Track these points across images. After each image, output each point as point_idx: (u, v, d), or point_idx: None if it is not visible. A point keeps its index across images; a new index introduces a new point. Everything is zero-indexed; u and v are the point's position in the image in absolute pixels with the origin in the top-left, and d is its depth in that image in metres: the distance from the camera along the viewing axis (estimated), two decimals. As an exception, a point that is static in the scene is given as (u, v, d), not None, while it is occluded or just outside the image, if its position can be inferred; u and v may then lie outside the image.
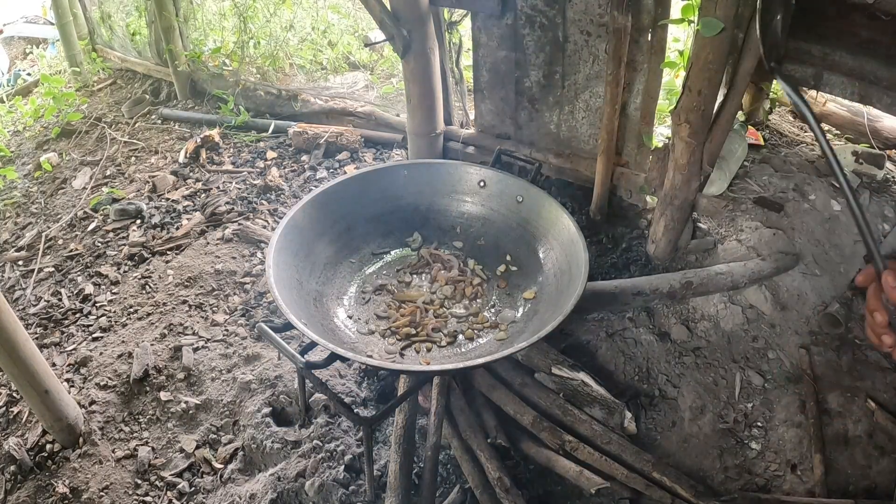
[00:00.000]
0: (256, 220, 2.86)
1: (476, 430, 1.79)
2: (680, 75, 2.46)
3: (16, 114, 4.22)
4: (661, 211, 2.08)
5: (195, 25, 3.92)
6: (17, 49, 5.41)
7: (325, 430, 1.90)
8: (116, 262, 2.72)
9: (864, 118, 2.45)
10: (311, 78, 3.79)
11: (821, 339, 1.90)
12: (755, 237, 2.03)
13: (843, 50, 1.81)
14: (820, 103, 2.56)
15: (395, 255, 1.97)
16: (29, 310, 2.54)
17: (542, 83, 2.31)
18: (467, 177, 1.99)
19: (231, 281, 2.54)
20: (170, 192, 3.14)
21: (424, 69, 2.41)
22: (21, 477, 1.91)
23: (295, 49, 3.83)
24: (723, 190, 2.13)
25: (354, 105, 3.47)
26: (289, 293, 1.52)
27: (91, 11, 4.39)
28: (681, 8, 1.85)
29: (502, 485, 1.65)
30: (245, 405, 2.02)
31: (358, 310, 1.79)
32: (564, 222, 1.74)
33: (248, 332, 2.31)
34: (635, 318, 2.07)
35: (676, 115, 1.84)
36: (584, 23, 2.09)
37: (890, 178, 2.19)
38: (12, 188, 3.44)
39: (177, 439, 1.99)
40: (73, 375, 2.21)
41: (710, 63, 1.70)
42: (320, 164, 3.20)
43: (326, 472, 1.78)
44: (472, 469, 1.72)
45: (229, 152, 3.40)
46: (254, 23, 3.74)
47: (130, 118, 3.92)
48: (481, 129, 2.62)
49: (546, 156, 2.41)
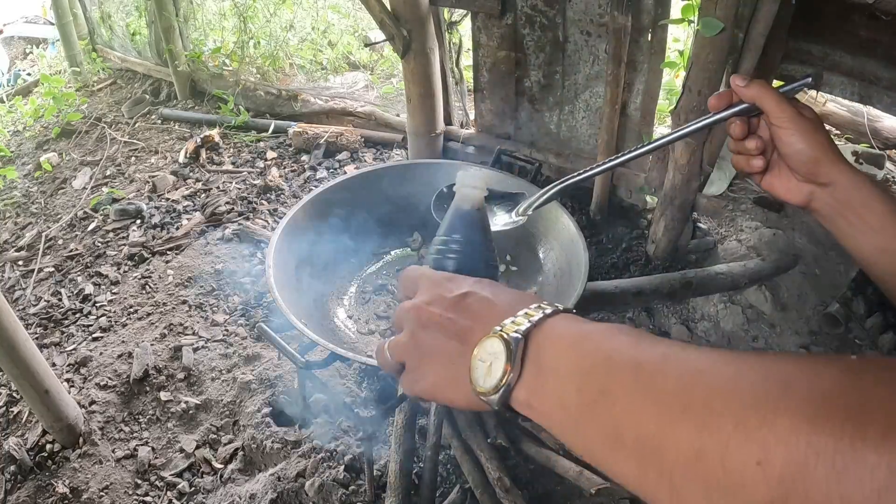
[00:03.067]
0: (256, 220, 2.86)
1: (476, 430, 1.79)
2: (680, 75, 2.46)
3: (16, 114, 4.22)
4: (661, 211, 2.08)
5: (195, 25, 3.92)
6: (17, 49, 5.41)
7: (325, 430, 1.90)
8: (116, 262, 2.72)
9: (864, 118, 2.45)
10: (311, 78, 3.80)
11: (821, 339, 1.90)
12: (755, 237, 2.03)
13: (843, 50, 1.81)
14: (820, 103, 2.56)
15: (395, 255, 1.97)
16: (29, 310, 2.54)
17: (542, 83, 2.31)
18: (467, 177, 1.98)
19: (231, 281, 2.54)
20: (170, 192, 3.14)
21: (424, 69, 2.41)
22: (21, 477, 1.90)
23: (295, 49, 3.84)
24: (723, 190, 2.13)
25: (354, 105, 3.47)
26: (289, 293, 1.52)
27: (91, 11, 4.39)
28: (681, 8, 1.85)
29: (502, 485, 1.65)
30: (245, 405, 2.02)
31: (358, 310, 1.79)
32: (564, 222, 1.74)
33: (248, 332, 2.31)
34: (635, 318, 2.07)
35: (676, 115, 1.84)
36: (584, 23, 2.09)
37: (890, 178, 2.19)
38: (12, 188, 3.44)
39: (177, 439, 1.99)
40: (73, 375, 2.21)
41: (710, 63, 1.70)
42: (320, 164, 3.20)
43: (326, 472, 1.78)
44: (472, 469, 1.72)
45: (229, 152, 3.40)
46: (254, 23, 3.74)
47: (130, 118, 3.92)
48: (481, 129, 2.62)
49: (546, 156, 2.41)
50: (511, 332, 0.49)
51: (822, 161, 0.75)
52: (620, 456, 0.42)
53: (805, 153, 0.75)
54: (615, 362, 0.45)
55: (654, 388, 0.41)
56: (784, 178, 0.80)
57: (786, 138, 0.76)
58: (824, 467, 0.32)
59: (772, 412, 0.35)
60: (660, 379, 0.42)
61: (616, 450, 0.43)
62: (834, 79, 1.92)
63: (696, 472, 0.37)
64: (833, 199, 0.76)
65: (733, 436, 0.36)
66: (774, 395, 0.36)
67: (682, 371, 0.41)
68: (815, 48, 1.95)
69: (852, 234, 0.76)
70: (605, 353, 0.46)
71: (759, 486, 0.34)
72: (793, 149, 0.76)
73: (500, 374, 0.48)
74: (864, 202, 0.74)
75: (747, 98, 0.77)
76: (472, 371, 0.51)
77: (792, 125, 0.75)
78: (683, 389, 0.40)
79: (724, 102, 0.80)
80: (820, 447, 0.32)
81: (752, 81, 0.76)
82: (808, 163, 0.76)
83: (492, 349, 0.50)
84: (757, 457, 0.34)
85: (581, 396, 0.45)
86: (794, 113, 0.75)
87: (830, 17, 1.76)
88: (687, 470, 0.38)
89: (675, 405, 0.39)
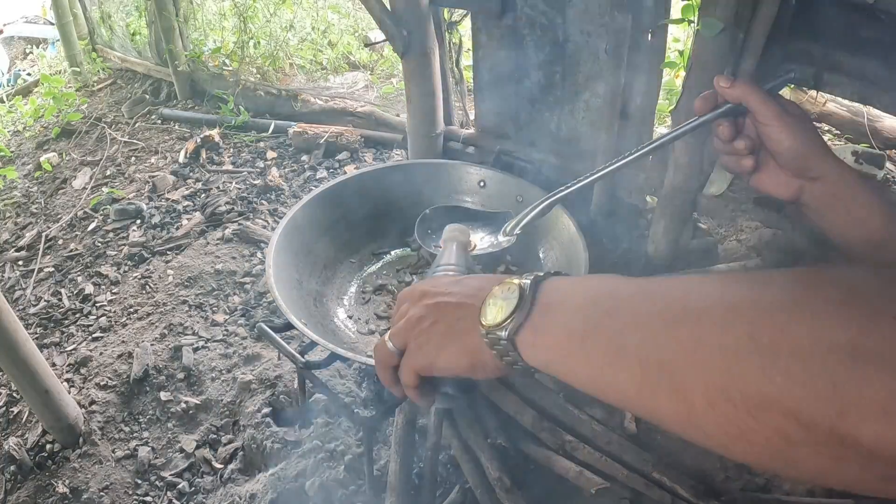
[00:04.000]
0: (256, 220, 2.86)
1: (476, 430, 1.79)
2: (680, 75, 2.46)
3: (16, 114, 4.22)
4: (661, 211, 2.08)
5: (195, 25, 3.92)
6: (17, 49, 5.41)
7: (325, 430, 1.90)
8: (116, 262, 2.72)
9: (864, 118, 2.45)
10: (311, 78, 3.80)
11: (821, 339, 1.90)
12: (755, 237, 2.03)
13: (843, 50, 1.81)
14: (820, 103, 2.56)
15: (395, 255, 1.97)
16: (29, 310, 2.54)
17: (542, 83, 2.31)
18: (467, 177, 1.99)
19: (231, 281, 2.54)
20: (170, 192, 3.14)
21: (424, 69, 2.40)
22: (21, 477, 1.91)
23: (295, 49, 3.84)
24: (723, 190, 2.13)
25: (354, 105, 3.47)
26: (289, 293, 1.52)
27: (91, 11, 4.39)
28: (681, 8, 1.85)
29: (502, 485, 1.65)
30: (245, 405, 2.02)
31: (358, 310, 1.79)
32: (564, 222, 1.74)
33: (248, 332, 2.31)
34: (635, 318, 2.07)
35: (676, 115, 1.84)
36: (584, 23, 2.09)
37: (890, 177, 2.19)
38: (12, 188, 3.44)
39: (177, 439, 1.99)
40: (73, 375, 2.21)
41: (710, 63, 1.69)
42: (320, 164, 3.20)
43: (326, 472, 1.78)
44: (472, 469, 1.72)
45: (229, 152, 3.40)
46: (254, 23, 3.74)
47: (130, 118, 3.92)
48: (481, 129, 2.62)
49: (546, 156, 2.41)
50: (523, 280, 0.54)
51: (810, 156, 0.76)
52: (623, 365, 0.46)
53: (794, 149, 0.76)
54: (620, 290, 0.50)
55: (655, 303, 0.47)
56: (774, 174, 0.81)
57: (774, 135, 0.77)
58: (845, 339, 0.36)
59: (753, 307, 0.41)
60: (659, 297, 0.47)
61: (619, 359, 0.46)
62: (834, 79, 1.92)
63: (694, 361, 0.41)
64: (822, 193, 0.77)
65: (722, 320, 0.41)
66: (750, 300, 0.42)
67: (678, 289, 0.47)
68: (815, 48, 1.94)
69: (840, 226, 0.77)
70: (610, 286, 0.51)
71: (753, 358, 0.38)
72: (781, 146, 0.77)
73: (511, 309, 0.52)
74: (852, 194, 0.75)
75: (732, 98, 0.79)
76: (484, 307, 0.55)
77: (778, 122, 0.76)
78: (681, 299, 0.45)
79: (710, 104, 0.82)
80: (843, 323, 0.36)
81: (735, 81, 0.78)
82: (797, 158, 0.77)
83: (506, 293, 0.54)
84: (748, 331, 0.39)
85: (587, 322, 0.49)
86: (779, 110, 0.76)
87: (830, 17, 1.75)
88: (686, 361, 0.42)
89: (675, 310, 0.45)
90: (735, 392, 0.39)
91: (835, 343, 0.36)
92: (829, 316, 0.37)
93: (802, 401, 0.36)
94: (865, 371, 0.34)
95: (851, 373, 0.34)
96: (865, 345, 0.35)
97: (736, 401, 0.39)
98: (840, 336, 0.36)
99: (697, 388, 0.41)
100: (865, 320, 0.36)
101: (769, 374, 0.37)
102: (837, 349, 0.36)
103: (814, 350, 0.36)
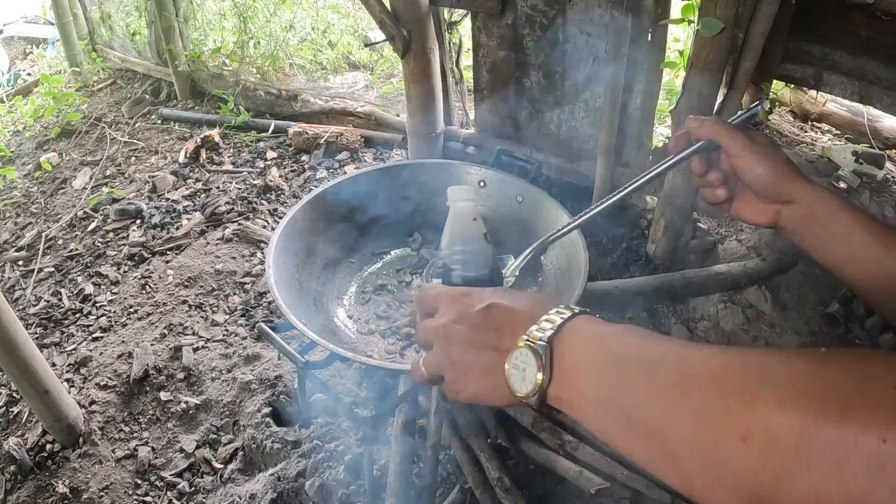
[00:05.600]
0: (256, 220, 2.86)
1: (476, 430, 1.79)
2: (680, 75, 2.46)
3: (16, 114, 4.22)
4: (661, 211, 2.08)
5: (195, 25, 3.92)
6: (17, 49, 5.41)
7: (325, 430, 1.90)
8: (116, 262, 2.72)
9: (864, 118, 2.45)
10: (311, 78, 3.80)
11: (821, 339, 1.90)
12: (755, 237, 2.03)
13: (843, 50, 1.81)
14: (820, 103, 2.57)
15: (395, 255, 1.97)
16: (29, 310, 2.54)
17: (542, 83, 2.31)
18: (467, 177, 1.99)
19: (231, 281, 2.54)
20: (170, 192, 3.14)
21: (424, 69, 2.41)
22: (21, 477, 1.90)
23: (295, 49, 3.84)
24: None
25: (354, 105, 3.47)
26: (289, 293, 1.52)
27: (91, 11, 4.39)
28: (681, 8, 1.85)
29: (502, 485, 1.65)
30: (245, 405, 2.02)
31: (358, 310, 1.78)
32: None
33: (248, 332, 2.31)
34: (635, 318, 2.07)
35: (676, 115, 1.84)
36: (584, 23, 2.09)
37: (890, 178, 2.19)
38: (12, 188, 3.44)
39: (177, 439, 1.99)
40: (73, 375, 2.21)
41: (710, 63, 1.70)
42: (320, 164, 3.20)
43: (326, 472, 1.78)
44: (472, 469, 1.72)
45: (229, 152, 3.40)
46: (254, 23, 3.74)
47: (130, 118, 3.92)
48: (481, 129, 2.62)
49: (546, 156, 2.41)
50: (537, 340, 0.57)
51: (781, 180, 0.80)
52: (632, 437, 0.50)
53: (764, 176, 0.81)
54: (625, 360, 0.53)
55: (657, 380, 0.49)
56: (750, 203, 0.86)
57: (744, 166, 0.82)
58: (794, 442, 0.38)
59: (751, 398, 0.42)
60: (662, 372, 0.49)
61: (629, 431, 0.50)
62: (834, 79, 1.93)
63: (693, 448, 0.44)
64: (798, 215, 0.81)
65: (722, 418, 0.43)
66: (754, 384, 0.42)
67: (680, 365, 0.49)
68: (815, 48, 1.95)
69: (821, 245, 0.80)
70: (616, 354, 0.54)
71: (744, 459, 0.40)
72: (752, 174, 0.81)
73: (534, 380, 0.56)
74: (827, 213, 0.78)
75: (703, 136, 0.84)
76: (509, 379, 0.58)
77: (746, 152, 0.81)
78: (681, 381, 0.47)
79: (683, 143, 0.87)
80: (790, 425, 0.38)
81: (704, 120, 0.83)
82: (768, 185, 0.81)
83: (523, 358, 0.57)
84: (741, 434, 0.41)
85: (599, 391, 0.53)
86: (746, 141, 0.81)
87: (830, 17, 1.76)
88: (686, 446, 0.45)
89: (674, 394, 0.47)
90: (732, 487, 0.42)
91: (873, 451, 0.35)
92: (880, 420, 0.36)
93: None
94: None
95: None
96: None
97: (731, 491, 0.42)
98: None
99: (696, 474, 0.44)
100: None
101: (781, 478, 0.39)
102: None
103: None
